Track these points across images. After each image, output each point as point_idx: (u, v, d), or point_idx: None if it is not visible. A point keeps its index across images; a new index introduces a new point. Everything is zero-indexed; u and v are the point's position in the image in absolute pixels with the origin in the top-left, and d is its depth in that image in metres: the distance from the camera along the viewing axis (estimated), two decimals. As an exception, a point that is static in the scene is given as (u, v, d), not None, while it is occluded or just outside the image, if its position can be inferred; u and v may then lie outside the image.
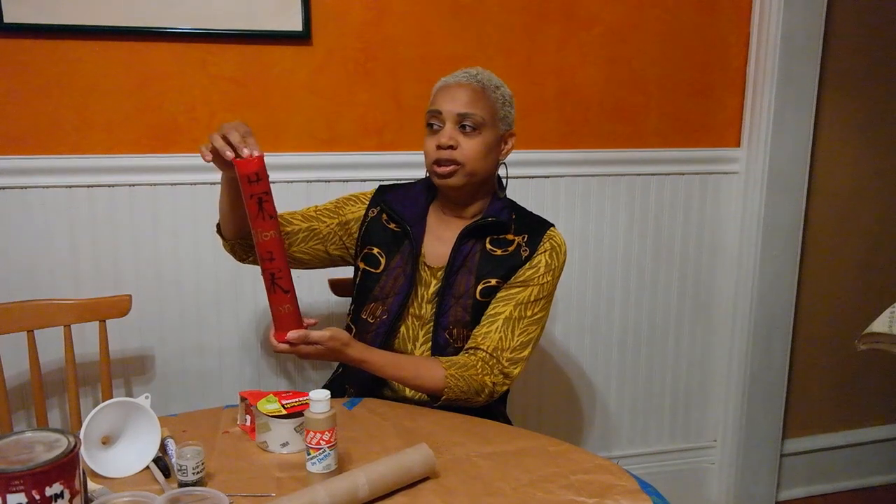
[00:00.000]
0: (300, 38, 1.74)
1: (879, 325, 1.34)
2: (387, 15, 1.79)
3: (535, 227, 1.41)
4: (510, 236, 1.39)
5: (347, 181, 1.81)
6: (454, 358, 1.33)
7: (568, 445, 1.16)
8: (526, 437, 1.20)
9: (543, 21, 1.89)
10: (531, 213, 1.46)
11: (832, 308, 2.25)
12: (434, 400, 1.32)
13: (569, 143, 1.98)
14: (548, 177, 1.97)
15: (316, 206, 1.48)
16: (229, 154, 1.17)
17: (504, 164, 1.43)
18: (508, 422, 1.51)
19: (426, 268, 1.40)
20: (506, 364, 1.33)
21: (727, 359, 2.20)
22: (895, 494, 2.37)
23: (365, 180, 1.80)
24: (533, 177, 1.96)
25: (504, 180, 1.46)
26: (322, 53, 1.77)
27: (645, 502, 0.99)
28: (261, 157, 1.17)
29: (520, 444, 1.16)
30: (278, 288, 1.21)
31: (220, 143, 1.19)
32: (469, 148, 1.33)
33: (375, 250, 1.42)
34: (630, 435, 2.20)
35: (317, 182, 1.80)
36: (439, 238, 1.41)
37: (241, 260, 1.44)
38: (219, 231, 1.43)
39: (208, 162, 1.23)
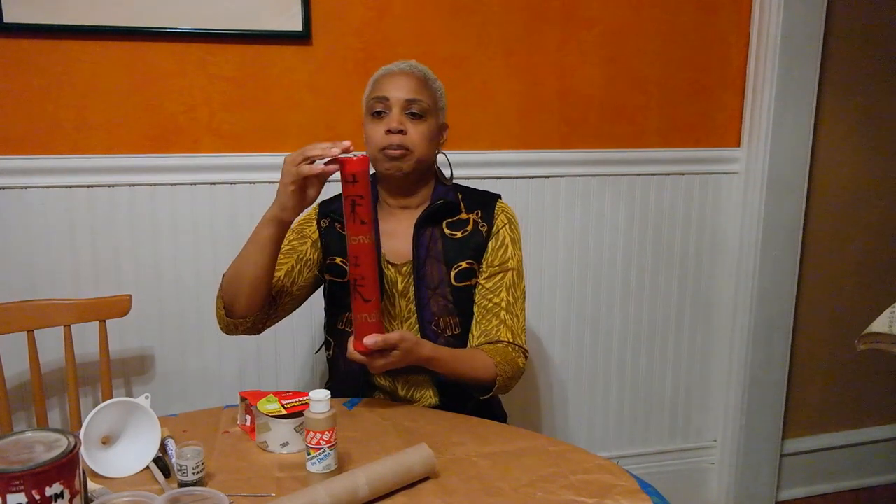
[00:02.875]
0: (300, 38, 1.74)
1: (879, 325, 1.34)
2: (387, 15, 1.79)
3: (485, 202, 1.43)
4: (463, 215, 1.40)
5: (347, 181, 1.81)
6: (489, 347, 1.35)
7: (568, 445, 1.16)
8: (526, 437, 1.20)
9: (543, 21, 1.89)
10: (475, 189, 1.47)
11: (832, 308, 2.25)
12: (484, 391, 1.33)
13: (569, 143, 1.98)
14: (548, 177, 1.97)
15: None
16: (335, 151, 1.13)
17: (445, 153, 1.44)
18: (503, 412, 1.52)
19: (389, 265, 1.40)
20: (525, 345, 1.39)
21: (727, 359, 2.20)
22: (895, 494, 2.37)
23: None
24: (533, 177, 1.96)
25: (449, 170, 1.45)
26: (322, 53, 1.77)
27: (645, 502, 0.99)
28: (364, 159, 1.14)
29: (520, 444, 1.16)
30: (359, 295, 1.18)
31: (317, 151, 1.14)
32: (417, 133, 1.33)
33: (338, 260, 1.40)
34: (630, 435, 2.20)
35: (317, 182, 1.80)
36: (393, 233, 1.40)
37: (259, 331, 1.37)
38: (228, 313, 1.32)
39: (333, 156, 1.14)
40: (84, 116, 1.67)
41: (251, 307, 1.31)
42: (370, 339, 1.17)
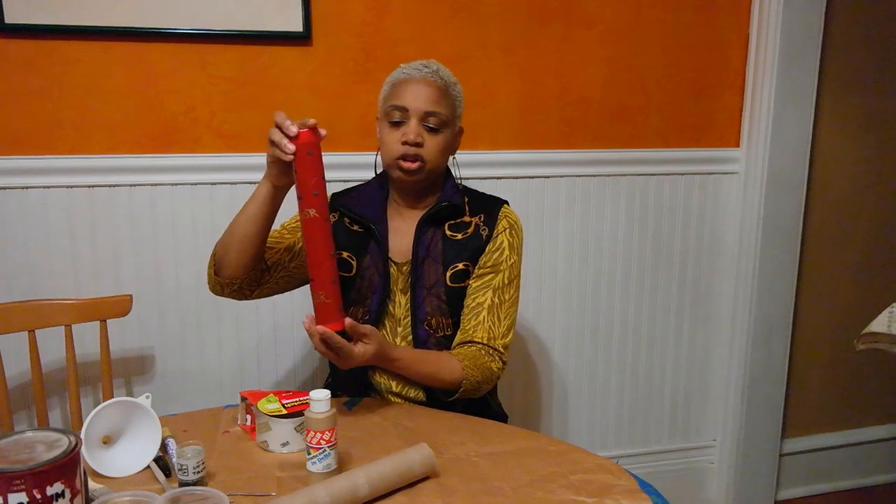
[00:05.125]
0: (300, 38, 1.74)
1: (878, 324, 1.34)
2: (387, 15, 1.79)
3: (489, 206, 1.42)
4: (466, 218, 1.41)
5: (347, 181, 1.81)
6: (461, 350, 1.34)
7: (568, 445, 1.16)
8: (526, 437, 1.20)
9: (543, 21, 1.90)
10: (483, 193, 1.47)
11: (832, 308, 2.25)
12: (448, 395, 1.32)
13: (569, 143, 1.98)
14: (548, 177, 1.97)
15: (287, 222, 1.46)
16: (294, 129, 1.13)
17: (454, 157, 1.45)
18: (503, 412, 1.52)
19: (392, 263, 1.40)
20: (502, 350, 1.36)
21: (727, 359, 2.20)
22: (894, 494, 2.37)
23: (364, 181, 1.80)
24: (533, 177, 1.96)
25: (456, 171, 1.46)
26: (322, 53, 1.77)
27: (645, 502, 0.99)
28: (316, 130, 1.15)
29: (520, 444, 1.16)
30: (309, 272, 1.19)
31: (276, 137, 1.15)
32: (434, 146, 1.34)
33: (345, 254, 1.41)
34: (630, 435, 2.20)
35: (317, 182, 1.80)
36: (398, 231, 1.41)
37: (245, 297, 1.38)
38: (217, 271, 1.33)
39: (290, 156, 1.15)
40: (84, 116, 1.67)
41: (238, 267, 1.30)
42: (348, 321, 1.18)
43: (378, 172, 1.47)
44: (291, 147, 1.14)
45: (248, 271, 1.32)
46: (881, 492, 2.38)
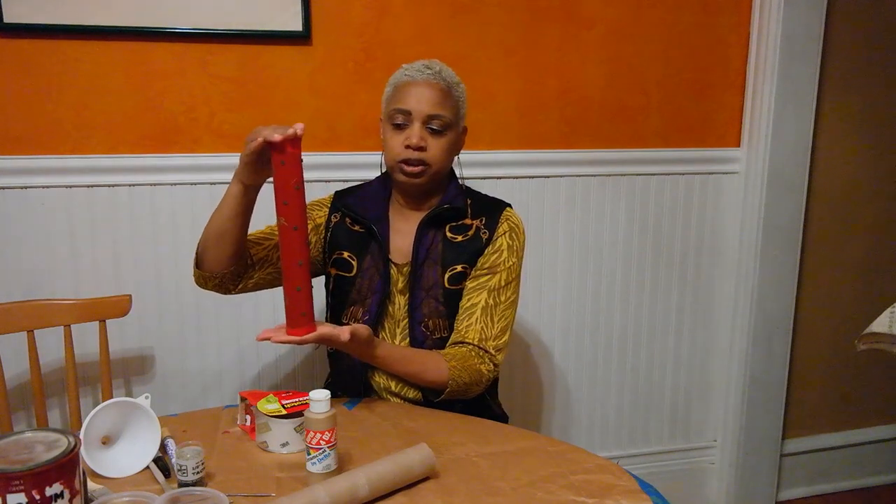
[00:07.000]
0: (300, 38, 1.74)
1: (879, 325, 1.34)
2: (387, 15, 1.79)
3: (491, 209, 1.42)
4: (468, 221, 1.40)
5: (347, 181, 1.81)
6: (450, 350, 1.33)
7: (568, 445, 1.16)
8: (526, 437, 1.20)
9: (543, 21, 1.90)
10: (486, 195, 1.47)
11: (832, 308, 2.25)
12: (435, 395, 1.32)
13: (569, 143, 1.98)
14: (548, 177, 1.97)
15: None
16: (277, 136, 1.12)
17: (458, 157, 1.44)
18: (503, 413, 1.52)
19: (392, 264, 1.40)
20: (494, 353, 1.35)
21: (727, 359, 2.20)
22: (895, 494, 2.37)
23: (365, 180, 1.80)
24: (533, 177, 1.96)
25: (460, 171, 1.46)
26: (322, 53, 1.77)
27: (645, 502, 0.99)
28: (296, 139, 1.14)
29: (520, 444, 1.16)
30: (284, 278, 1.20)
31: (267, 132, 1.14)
32: (437, 148, 1.33)
33: (346, 254, 1.41)
34: (630, 435, 2.20)
35: (317, 182, 1.79)
36: (400, 232, 1.41)
37: (228, 291, 1.38)
38: (198, 265, 1.34)
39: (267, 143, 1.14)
40: (84, 116, 1.67)
41: (217, 262, 1.31)
42: (312, 336, 1.18)
43: (382, 172, 1.47)
44: (260, 142, 1.15)
45: (228, 267, 1.32)
46: (882, 492, 2.37)
